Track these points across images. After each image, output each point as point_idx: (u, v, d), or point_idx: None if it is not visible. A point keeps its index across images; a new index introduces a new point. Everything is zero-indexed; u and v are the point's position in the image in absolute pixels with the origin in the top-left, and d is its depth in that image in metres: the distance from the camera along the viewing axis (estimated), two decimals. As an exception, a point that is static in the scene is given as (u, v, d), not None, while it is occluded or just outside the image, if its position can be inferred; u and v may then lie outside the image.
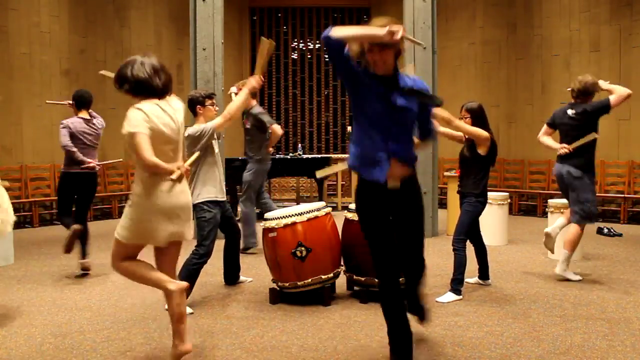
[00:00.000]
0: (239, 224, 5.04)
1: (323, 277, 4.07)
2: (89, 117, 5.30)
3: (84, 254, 5.22)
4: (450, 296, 4.25)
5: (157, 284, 2.91)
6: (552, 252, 5.07)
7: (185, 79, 10.15)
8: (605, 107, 4.80)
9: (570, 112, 4.94)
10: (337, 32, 2.54)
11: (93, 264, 5.51)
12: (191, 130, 4.11)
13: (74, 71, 9.00)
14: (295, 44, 11.92)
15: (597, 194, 8.52)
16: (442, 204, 7.80)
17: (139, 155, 2.72)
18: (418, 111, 2.81)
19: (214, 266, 5.07)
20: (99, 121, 5.40)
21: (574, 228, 4.79)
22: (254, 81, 4.10)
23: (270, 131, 5.93)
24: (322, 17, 11.85)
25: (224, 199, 4.37)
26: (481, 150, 4.31)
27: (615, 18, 8.52)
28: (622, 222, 8.05)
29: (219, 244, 4.93)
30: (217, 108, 4.37)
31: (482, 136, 4.25)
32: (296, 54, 11.91)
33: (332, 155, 10.07)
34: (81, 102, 5.32)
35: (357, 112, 2.83)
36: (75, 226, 5.01)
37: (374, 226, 2.86)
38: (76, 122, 5.21)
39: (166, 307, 3.96)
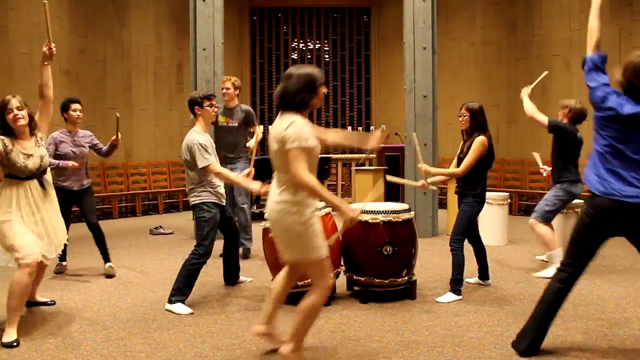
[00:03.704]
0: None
1: (323, 277, 4.06)
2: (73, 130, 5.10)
3: (106, 259, 5.15)
4: (450, 296, 4.25)
5: None
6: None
7: (185, 79, 10.15)
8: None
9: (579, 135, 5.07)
10: None
11: (94, 264, 5.52)
12: (195, 140, 4.13)
13: (74, 71, 9.00)
14: (295, 44, 11.92)
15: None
16: (442, 204, 7.80)
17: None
18: None
19: (214, 266, 5.07)
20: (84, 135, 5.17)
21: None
22: (257, 188, 3.95)
23: None
24: (322, 17, 11.85)
25: (224, 203, 4.37)
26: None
27: (615, 18, 8.52)
28: (622, 222, 8.04)
29: (220, 244, 4.94)
30: (215, 109, 4.36)
31: (478, 154, 4.28)
32: (296, 54, 11.91)
33: (332, 156, 10.07)
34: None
35: None
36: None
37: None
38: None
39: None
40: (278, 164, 2.83)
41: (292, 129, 2.70)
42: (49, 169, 3.78)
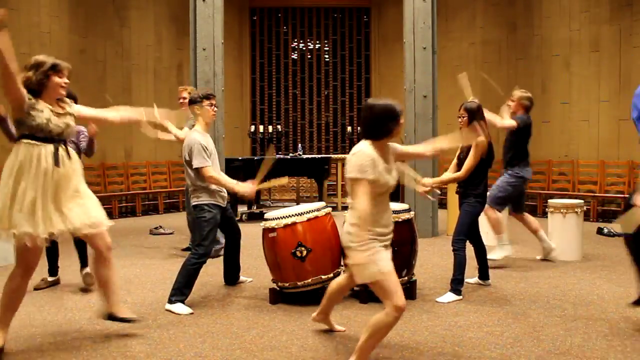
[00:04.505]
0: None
1: (323, 277, 4.07)
2: None
3: (84, 264, 4.75)
4: (450, 296, 4.25)
5: None
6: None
7: (185, 79, 10.15)
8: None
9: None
10: None
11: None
12: (197, 140, 4.15)
13: (74, 71, 8.92)
14: (295, 44, 11.92)
15: (597, 194, 8.57)
16: (442, 204, 7.80)
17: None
18: None
19: (214, 266, 5.07)
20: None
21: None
22: (249, 190, 4.19)
23: None
24: (322, 17, 11.85)
25: (224, 204, 4.37)
26: None
27: (615, 18, 8.52)
28: (622, 222, 8.04)
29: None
30: (215, 109, 4.35)
31: (479, 155, 4.28)
32: (296, 54, 11.91)
33: (332, 155, 10.07)
34: None
35: None
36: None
37: None
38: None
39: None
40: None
41: (355, 157, 2.83)
42: (72, 150, 3.35)
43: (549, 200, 6.03)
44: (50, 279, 4.81)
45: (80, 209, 3.25)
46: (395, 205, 4.31)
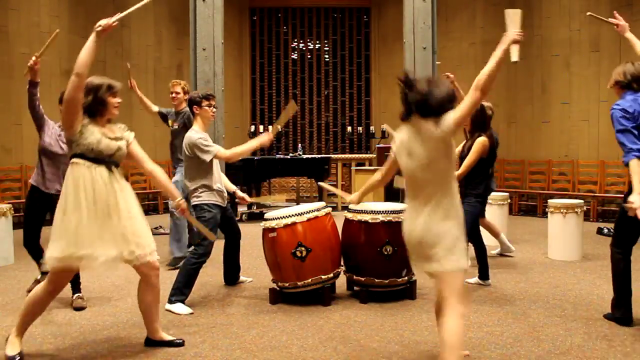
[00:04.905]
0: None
1: (323, 277, 4.07)
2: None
3: (76, 289, 4.25)
4: (450, 296, 4.25)
5: None
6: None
7: (185, 79, 10.11)
8: None
9: None
10: None
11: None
12: (194, 137, 4.13)
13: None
14: (295, 44, 11.92)
15: (597, 194, 8.57)
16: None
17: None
18: None
19: (214, 266, 5.07)
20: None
21: None
22: (268, 139, 4.16)
23: None
24: (322, 17, 11.85)
25: (225, 204, 4.37)
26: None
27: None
28: (622, 222, 8.04)
29: (220, 244, 4.94)
30: (214, 110, 4.36)
31: (478, 155, 4.28)
32: (296, 54, 11.90)
33: (332, 155, 10.07)
34: None
35: None
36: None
37: None
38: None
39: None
40: (427, 176, 2.61)
41: (448, 115, 2.59)
42: (118, 170, 3.33)
43: (549, 201, 6.03)
44: None
45: (127, 237, 3.17)
46: (395, 205, 4.32)
